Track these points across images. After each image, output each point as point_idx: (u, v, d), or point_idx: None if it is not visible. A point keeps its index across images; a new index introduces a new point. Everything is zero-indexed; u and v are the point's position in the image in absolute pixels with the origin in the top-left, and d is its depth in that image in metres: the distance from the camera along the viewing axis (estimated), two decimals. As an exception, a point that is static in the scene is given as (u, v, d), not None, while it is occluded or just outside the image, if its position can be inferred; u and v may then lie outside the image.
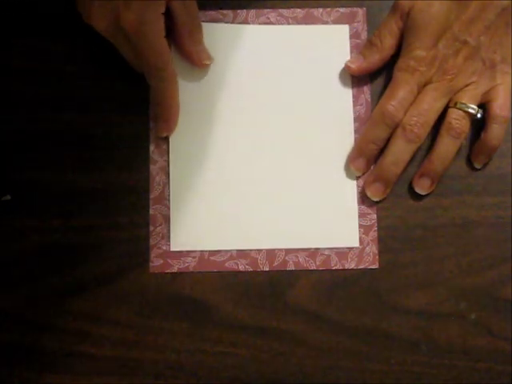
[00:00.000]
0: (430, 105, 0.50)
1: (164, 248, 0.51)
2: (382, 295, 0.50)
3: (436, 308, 0.50)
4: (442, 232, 0.51)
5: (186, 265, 0.50)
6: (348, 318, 0.50)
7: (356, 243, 0.51)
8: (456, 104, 0.50)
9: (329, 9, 0.54)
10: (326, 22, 0.53)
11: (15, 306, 0.50)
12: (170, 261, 0.50)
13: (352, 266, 0.51)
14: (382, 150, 0.51)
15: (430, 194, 0.51)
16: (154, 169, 0.52)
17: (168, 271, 0.50)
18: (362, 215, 0.51)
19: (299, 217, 0.51)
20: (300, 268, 0.51)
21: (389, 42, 0.52)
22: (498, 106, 0.50)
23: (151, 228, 0.51)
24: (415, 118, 0.50)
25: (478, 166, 0.52)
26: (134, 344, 0.50)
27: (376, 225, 0.51)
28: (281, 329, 0.50)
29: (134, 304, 0.50)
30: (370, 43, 0.52)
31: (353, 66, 0.52)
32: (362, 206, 0.51)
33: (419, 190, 0.51)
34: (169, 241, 0.51)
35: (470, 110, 0.50)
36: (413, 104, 0.50)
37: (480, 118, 0.50)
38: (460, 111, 0.50)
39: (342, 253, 0.51)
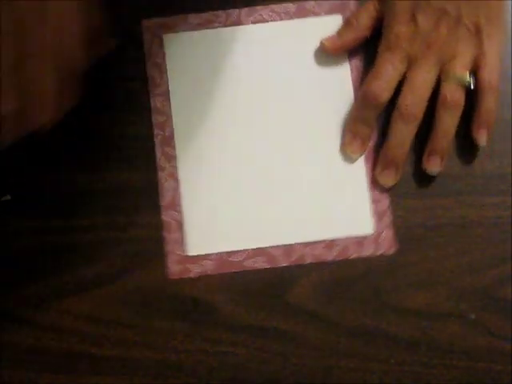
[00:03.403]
0: (421, 80, 0.49)
1: (180, 253, 0.50)
2: (382, 295, 0.50)
3: (436, 308, 0.50)
4: (442, 232, 0.51)
5: (205, 268, 0.50)
6: (348, 318, 0.50)
7: (370, 230, 0.51)
8: (447, 76, 0.50)
9: (320, 1, 0.54)
10: (318, 14, 0.53)
11: (15, 306, 0.50)
12: (188, 266, 0.50)
13: (369, 253, 0.50)
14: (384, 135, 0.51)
15: (430, 193, 0.51)
16: (162, 176, 0.51)
17: (187, 276, 0.50)
18: (374, 201, 0.51)
19: (312, 210, 0.51)
20: (317, 260, 0.50)
21: (365, 22, 0.52)
22: (487, 75, 0.49)
23: (165, 234, 0.50)
24: (409, 97, 0.49)
25: (481, 142, 0.50)
26: (134, 344, 0.50)
27: (389, 210, 0.51)
28: (281, 329, 0.50)
29: (134, 304, 0.50)
30: (346, 22, 0.52)
31: (327, 43, 0.52)
32: (374, 192, 0.51)
33: (431, 168, 0.50)
34: (184, 246, 0.50)
35: (462, 81, 0.49)
36: (404, 83, 0.50)
37: (474, 87, 0.50)
38: (452, 84, 0.49)
39: (357, 242, 0.51)
